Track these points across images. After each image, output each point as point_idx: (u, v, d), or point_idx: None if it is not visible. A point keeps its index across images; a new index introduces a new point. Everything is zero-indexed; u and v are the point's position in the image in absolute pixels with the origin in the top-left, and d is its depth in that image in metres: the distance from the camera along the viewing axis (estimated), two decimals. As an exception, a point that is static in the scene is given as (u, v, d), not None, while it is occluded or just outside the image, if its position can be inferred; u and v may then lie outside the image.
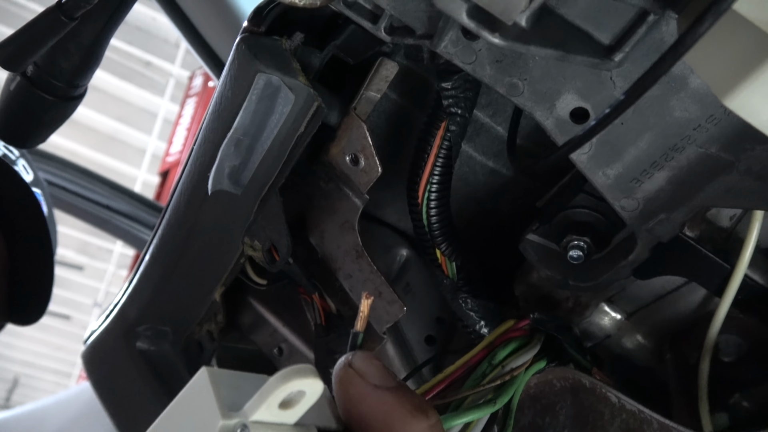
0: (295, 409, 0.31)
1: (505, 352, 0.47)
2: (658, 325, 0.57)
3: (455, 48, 0.41)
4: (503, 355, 0.47)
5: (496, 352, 0.47)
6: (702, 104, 0.39)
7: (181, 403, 0.32)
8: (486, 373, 0.46)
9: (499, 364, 0.46)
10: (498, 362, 0.46)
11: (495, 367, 0.46)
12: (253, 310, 0.70)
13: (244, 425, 0.29)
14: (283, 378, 0.29)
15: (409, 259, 0.64)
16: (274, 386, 0.29)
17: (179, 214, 0.58)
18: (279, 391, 0.29)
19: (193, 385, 0.31)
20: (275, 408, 0.30)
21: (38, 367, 5.67)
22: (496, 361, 0.46)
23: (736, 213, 0.49)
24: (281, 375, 0.30)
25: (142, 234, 1.58)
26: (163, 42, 4.58)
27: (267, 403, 0.29)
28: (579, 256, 0.49)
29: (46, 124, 0.57)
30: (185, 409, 0.31)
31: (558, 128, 0.42)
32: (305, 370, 0.30)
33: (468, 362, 0.46)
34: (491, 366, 0.46)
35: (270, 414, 0.30)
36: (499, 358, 0.47)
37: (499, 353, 0.47)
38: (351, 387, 0.33)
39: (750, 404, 0.55)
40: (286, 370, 0.30)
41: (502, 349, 0.47)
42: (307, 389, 0.30)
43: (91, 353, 0.73)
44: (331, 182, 0.54)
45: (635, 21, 0.36)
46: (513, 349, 0.48)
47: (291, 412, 0.31)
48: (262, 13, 0.48)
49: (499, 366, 0.46)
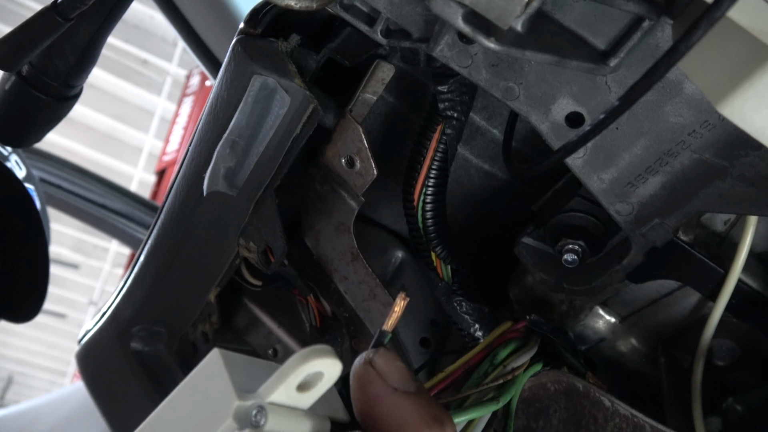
0: (311, 392, 0.30)
1: (506, 352, 0.47)
2: (652, 328, 0.57)
3: (451, 52, 0.41)
4: (504, 354, 0.47)
5: (498, 352, 0.47)
6: (696, 110, 0.39)
7: (192, 384, 0.30)
8: (488, 372, 0.46)
9: (500, 363, 0.46)
10: (500, 361, 0.46)
11: (497, 367, 0.46)
12: (248, 312, 0.70)
13: (260, 407, 0.28)
14: (304, 357, 0.29)
15: (405, 261, 0.64)
16: (294, 365, 0.29)
17: (174, 214, 0.58)
18: (299, 370, 0.29)
19: (205, 367, 0.30)
20: (293, 390, 0.29)
21: (33, 366, 5.66)
22: (498, 361, 0.46)
23: (731, 217, 0.49)
24: (302, 354, 0.29)
25: (138, 233, 1.58)
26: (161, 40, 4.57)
27: (286, 384, 0.29)
28: (573, 260, 0.49)
29: (41, 123, 0.57)
30: (196, 391, 0.30)
31: (553, 132, 0.42)
32: (325, 350, 0.29)
33: (468, 362, 0.46)
34: (493, 365, 0.46)
35: (287, 396, 0.29)
36: (501, 358, 0.47)
37: (501, 353, 0.47)
38: (369, 386, 0.32)
39: (743, 408, 0.55)
40: (305, 350, 0.29)
41: (503, 348, 0.47)
42: (326, 370, 0.29)
43: (85, 353, 0.73)
44: (327, 184, 0.54)
45: (630, 27, 0.36)
46: (513, 349, 0.48)
47: (307, 395, 0.30)
48: (258, 15, 0.48)
49: (501, 365, 0.46)
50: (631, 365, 0.59)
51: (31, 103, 0.54)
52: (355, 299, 0.56)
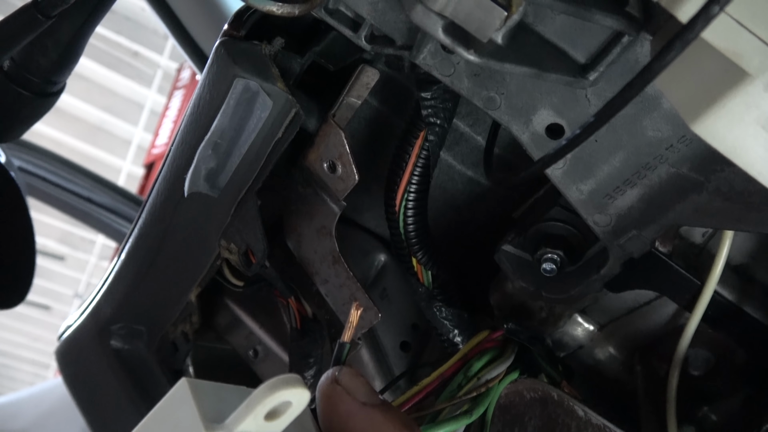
0: (280, 420, 0.30)
1: (480, 364, 0.47)
2: (629, 337, 0.58)
3: (434, 60, 0.41)
4: (478, 366, 0.47)
5: (471, 364, 0.47)
6: (674, 125, 0.40)
7: (160, 414, 0.31)
8: (462, 384, 0.46)
9: (474, 375, 0.47)
10: (473, 374, 0.47)
11: (470, 379, 0.46)
12: (229, 312, 0.70)
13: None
14: (271, 388, 0.29)
15: (387, 265, 0.64)
16: (261, 396, 0.29)
17: (156, 213, 0.58)
18: (267, 401, 0.29)
19: (173, 396, 0.30)
20: (261, 419, 0.29)
21: (16, 357, 5.61)
22: (472, 373, 0.47)
23: (709, 230, 0.50)
24: (269, 385, 0.29)
25: (124, 228, 1.57)
26: (152, 33, 4.53)
27: (254, 414, 0.29)
28: (552, 269, 0.49)
29: (22, 119, 0.56)
30: (165, 422, 0.30)
31: (533, 143, 0.43)
32: (293, 380, 0.29)
33: (443, 374, 0.46)
34: (467, 378, 0.46)
35: (256, 425, 0.29)
36: (474, 370, 0.47)
37: (475, 365, 0.47)
38: (340, 404, 0.33)
39: (717, 417, 0.55)
40: (273, 380, 0.29)
41: (477, 360, 0.48)
42: (294, 399, 0.30)
43: (65, 350, 0.73)
44: (309, 187, 0.54)
45: (610, 41, 0.36)
46: (487, 360, 0.48)
47: (276, 423, 0.30)
48: (242, 17, 0.48)
49: (475, 378, 0.46)
50: (609, 373, 0.59)
51: (11, 98, 0.53)
52: (335, 302, 0.57)
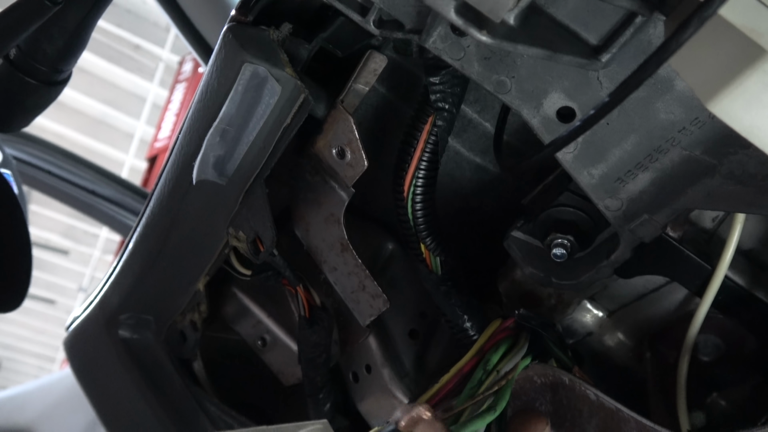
0: None
1: (497, 356, 0.47)
2: (638, 323, 0.57)
3: (444, 44, 0.41)
4: (496, 359, 0.47)
5: (489, 358, 0.47)
6: (687, 107, 0.39)
7: None
8: (482, 380, 0.45)
9: (493, 369, 0.46)
10: (492, 367, 0.46)
11: (490, 374, 0.46)
12: (237, 301, 0.70)
13: None
14: None
15: (395, 253, 0.64)
16: None
17: (163, 202, 0.58)
18: None
19: None
20: None
21: (21, 351, 5.63)
22: (491, 366, 0.46)
23: (719, 214, 0.49)
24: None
25: (128, 220, 1.57)
26: (153, 26, 4.52)
27: None
28: (562, 254, 0.49)
29: (29, 108, 0.56)
30: None
31: (544, 127, 0.42)
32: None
33: (461, 370, 0.46)
34: (486, 372, 0.46)
35: None
36: (493, 363, 0.46)
37: (492, 358, 0.47)
38: None
39: (727, 403, 0.55)
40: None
41: (493, 353, 0.47)
42: None
43: (73, 340, 0.73)
44: (318, 175, 0.54)
45: (623, 23, 0.36)
46: (504, 351, 0.48)
47: None
48: (250, 3, 0.47)
49: (494, 371, 0.46)
50: (618, 359, 0.59)
51: (18, 87, 0.53)
52: (344, 290, 0.56)
